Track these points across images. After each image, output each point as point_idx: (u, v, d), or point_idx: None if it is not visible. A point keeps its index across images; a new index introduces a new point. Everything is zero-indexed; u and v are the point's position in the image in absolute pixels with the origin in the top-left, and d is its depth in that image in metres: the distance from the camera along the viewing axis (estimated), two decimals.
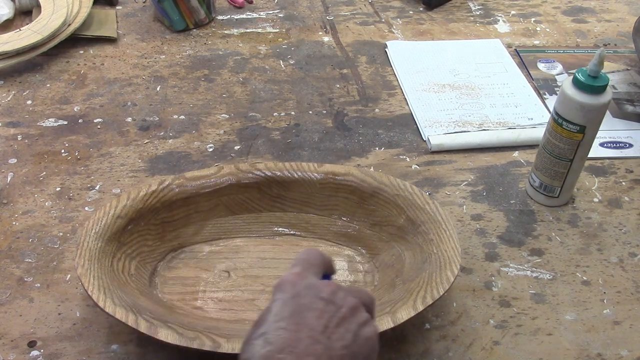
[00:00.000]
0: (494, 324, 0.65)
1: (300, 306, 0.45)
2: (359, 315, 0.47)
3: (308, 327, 0.44)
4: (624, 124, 0.91)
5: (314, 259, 0.50)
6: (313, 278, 0.48)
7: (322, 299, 0.46)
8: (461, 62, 1.01)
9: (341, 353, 0.44)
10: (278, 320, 0.44)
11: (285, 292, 0.46)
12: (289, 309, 0.45)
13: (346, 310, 0.46)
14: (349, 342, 0.45)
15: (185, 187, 0.68)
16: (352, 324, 0.46)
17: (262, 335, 0.44)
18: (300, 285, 0.47)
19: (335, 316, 0.46)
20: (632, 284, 0.69)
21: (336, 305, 0.46)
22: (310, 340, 0.43)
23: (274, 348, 0.42)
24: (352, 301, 0.47)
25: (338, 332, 0.45)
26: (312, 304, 0.46)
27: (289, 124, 0.88)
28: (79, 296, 0.65)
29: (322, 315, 0.45)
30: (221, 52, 1.01)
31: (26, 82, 0.93)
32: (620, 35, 1.10)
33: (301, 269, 0.49)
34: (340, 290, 0.47)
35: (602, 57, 0.66)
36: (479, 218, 0.76)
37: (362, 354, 0.46)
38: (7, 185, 0.76)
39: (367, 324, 0.48)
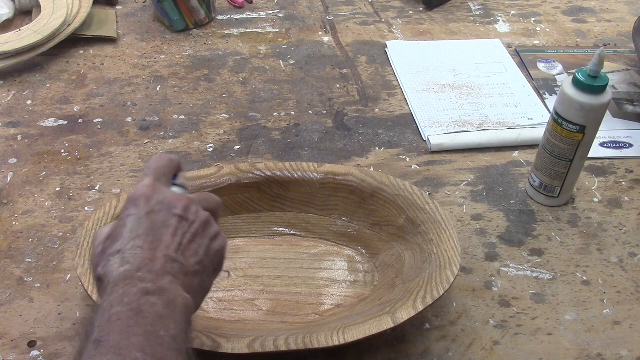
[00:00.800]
0: (494, 324, 0.65)
1: (154, 223, 0.47)
2: (210, 229, 0.50)
3: (163, 245, 0.46)
4: (624, 124, 0.91)
5: (164, 166, 0.52)
6: (165, 189, 0.50)
7: (175, 215, 0.48)
8: (461, 62, 1.01)
9: (195, 269, 0.47)
10: (134, 238, 0.46)
11: (140, 208, 0.47)
12: (144, 226, 0.46)
13: (198, 225, 0.48)
14: (202, 257, 0.48)
15: None
16: (204, 239, 0.49)
17: (119, 253, 0.45)
18: (154, 200, 0.48)
19: (188, 232, 0.48)
20: (632, 284, 0.69)
21: (189, 221, 0.48)
22: (166, 258, 0.45)
23: (131, 267, 0.44)
24: (204, 215, 0.49)
25: (191, 249, 0.47)
26: (166, 221, 0.47)
27: (289, 124, 0.88)
28: (79, 296, 0.65)
29: (176, 233, 0.47)
30: (221, 52, 1.01)
31: (26, 82, 0.93)
32: (620, 35, 1.10)
33: (153, 180, 0.50)
34: (192, 204, 0.49)
35: (602, 57, 0.66)
36: (479, 218, 0.76)
37: (212, 266, 0.49)
38: (7, 185, 0.76)
39: (217, 237, 0.50)
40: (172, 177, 0.53)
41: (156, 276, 0.44)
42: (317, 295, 0.65)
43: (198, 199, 0.51)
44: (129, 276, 0.43)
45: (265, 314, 0.64)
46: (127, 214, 0.47)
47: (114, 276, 0.44)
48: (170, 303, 0.43)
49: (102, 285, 0.45)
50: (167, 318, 0.42)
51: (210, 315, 0.63)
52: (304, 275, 0.67)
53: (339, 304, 0.65)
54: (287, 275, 0.67)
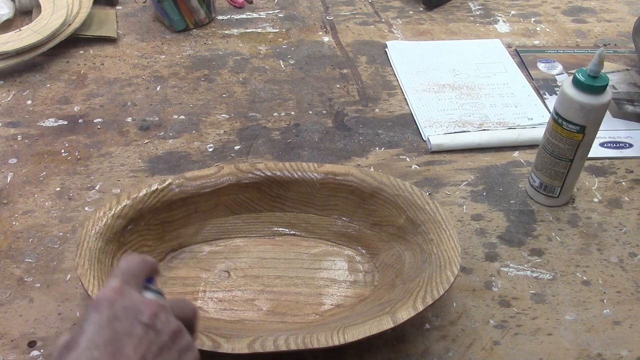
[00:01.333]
0: (494, 324, 0.65)
1: (116, 332, 0.41)
2: (180, 340, 0.44)
3: (125, 357, 0.40)
4: (624, 124, 0.91)
5: (135, 267, 0.47)
6: (134, 294, 0.44)
7: (141, 324, 0.42)
8: (461, 62, 1.01)
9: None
10: (91, 348, 0.40)
11: (102, 313, 0.42)
12: (105, 336, 0.41)
13: (167, 336, 0.43)
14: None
15: (185, 187, 0.68)
16: (172, 351, 0.43)
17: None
18: (119, 305, 0.43)
19: (154, 343, 0.42)
20: (632, 284, 0.69)
21: (156, 330, 0.43)
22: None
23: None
24: (174, 324, 0.44)
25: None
26: (130, 331, 0.42)
27: (289, 124, 0.88)
28: (79, 296, 0.65)
29: (140, 343, 0.41)
30: (221, 52, 1.01)
31: (26, 82, 0.93)
32: (620, 35, 1.10)
33: (121, 282, 0.44)
34: (162, 312, 0.44)
35: (602, 57, 0.66)
36: (479, 218, 0.76)
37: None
38: (7, 185, 0.76)
39: (188, 349, 0.44)
40: (147, 281, 0.47)
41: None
42: (317, 295, 0.65)
43: (171, 305, 0.45)
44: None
45: (265, 314, 0.64)
46: (87, 320, 0.42)
47: None
48: None
49: None
50: None
51: (210, 315, 0.63)
52: (304, 275, 0.67)
53: (339, 304, 0.65)
54: (287, 275, 0.67)
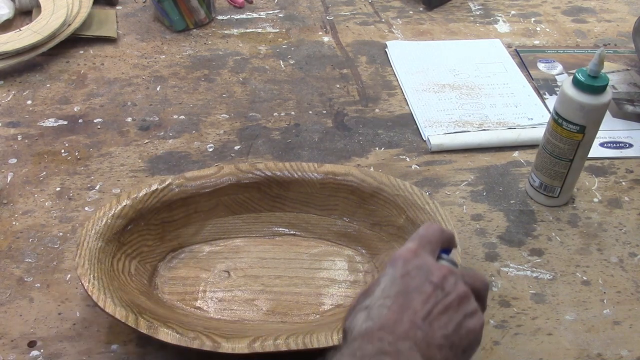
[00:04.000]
0: (494, 324, 0.65)
1: (408, 286, 0.45)
2: (466, 305, 0.46)
3: (412, 310, 0.44)
4: (624, 124, 0.91)
5: (431, 234, 0.50)
6: (427, 257, 0.47)
7: (431, 283, 0.45)
8: (461, 62, 1.01)
9: (440, 342, 0.44)
10: (384, 297, 0.45)
11: (397, 268, 0.46)
12: (397, 288, 0.45)
13: (454, 298, 0.45)
14: (450, 332, 0.44)
15: (185, 187, 0.69)
16: (457, 313, 0.45)
17: (366, 309, 0.44)
18: (413, 264, 0.46)
19: (441, 303, 0.45)
20: (632, 284, 0.69)
21: (444, 291, 0.45)
22: (411, 324, 0.43)
23: (374, 325, 0.43)
24: (462, 289, 0.46)
25: (441, 320, 0.44)
26: (420, 287, 0.45)
27: (289, 124, 0.88)
28: (79, 296, 0.65)
29: (427, 300, 0.44)
30: (221, 52, 1.01)
31: (26, 82, 0.93)
32: (620, 35, 1.10)
33: (416, 246, 0.48)
34: (451, 276, 0.46)
35: (602, 57, 0.66)
36: (479, 218, 0.76)
37: (461, 345, 0.45)
38: (7, 185, 0.76)
39: (473, 315, 0.46)
40: (443, 251, 0.50)
41: (396, 339, 0.42)
42: (317, 295, 0.65)
43: (462, 273, 0.48)
44: (369, 333, 0.43)
45: (265, 314, 0.64)
46: (384, 273, 0.47)
47: (356, 330, 0.43)
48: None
49: (344, 338, 0.45)
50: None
51: (210, 315, 0.63)
52: (304, 275, 0.67)
53: (339, 304, 0.65)
54: (287, 275, 0.67)
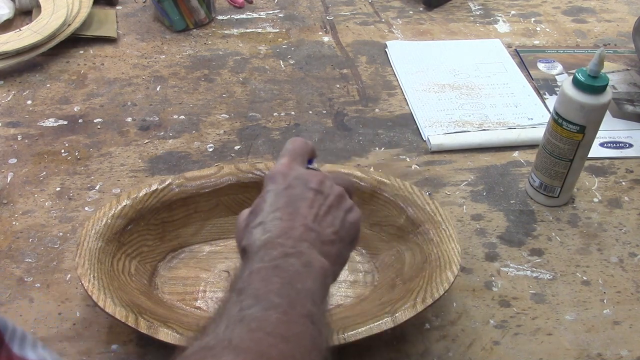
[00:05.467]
0: (494, 324, 0.65)
1: (292, 197, 0.50)
2: (344, 202, 0.52)
3: (301, 215, 0.48)
4: (624, 124, 0.91)
5: (299, 147, 0.54)
6: (300, 168, 0.53)
7: (311, 189, 0.50)
8: (461, 62, 1.01)
9: (331, 238, 0.49)
10: (274, 211, 0.49)
11: (278, 183, 0.51)
12: (283, 200, 0.49)
13: (333, 198, 0.51)
14: (337, 228, 0.50)
15: (185, 187, 0.68)
16: (339, 211, 0.51)
17: (260, 225, 0.48)
18: (291, 176, 0.51)
19: (324, 205, 0.50)
20: (632, 284, 0.69)
21: (324, 194, 0.51)
22: (304, 227, 0.48)
23: (272, 235, 0.47)
24: (338, 190, 0.52)
25: (327, 219, 0.50)
26: (303, 195, 0.50)
27: (289, 124, 0.88)
28: (79, 296, 0.65)
29: (312, 205, 0.49)
30: (221, 52, 1.01)
31: (26, 82, 0.93)
32: (620, 35, 1.10)
33: (289, 159, 0.53)
34: (326, 180, 0.52)
35: (602, 57, 0.66)
36: (479, 218, 0.76)
37: (348, 237, 0.51)
38: (7, 185, 0.76)
39: (351, 210, 0.52)
40: (308, 162, 0.55)
41: (295, 242, 0.46)
42: None
43: (332, 176, 0.53)
44: (269, 242, 0.46)
45: None
46: (266, 190, 0.51)
47: (257, 244, 0.47)
48: (307, 264, 0.45)
49: (245, 255, 0.48)
50: (303, 275, 0.45)
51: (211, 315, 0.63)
52: None
53: (339, 304, 0.65)
54: None
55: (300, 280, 0.44)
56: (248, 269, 0.45)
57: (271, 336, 0.40)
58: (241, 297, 0.43)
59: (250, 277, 0.44)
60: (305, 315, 0.42)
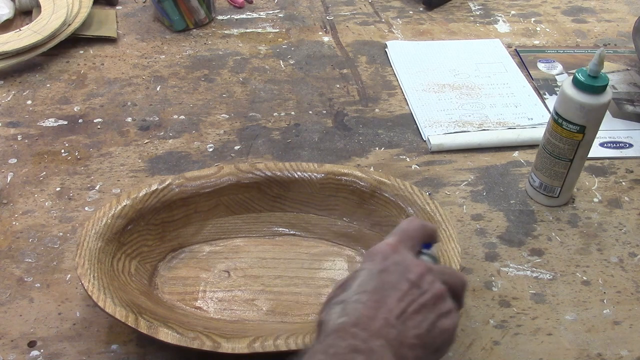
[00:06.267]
0: (494, 324, 0.65)
1: (384, 283, 0.45)
2: (442, 304, 0.46)
3: (387, 307, 0.44)
4: (624, 124, 0.91)
5: (412, 230, 0.50)
6: (406, 253, 0.48)
7: (408, 280, 0.45)
8: (461, 62, 1.01)
9: (412, 342, 0.44)
10: (360, 292, 0.45)
11: (375, 263, 0.46)
12: (373, 283, 0.45)
13: (429, 297, 0.45)
14: (423, 332, 0.44)
15: (185, 187, 0.69)
16: (431, 313, 0.45)
17: (342, 303, 0.45)
18: (391, 259, 0.47)
19: (416, 301, 0.45)
20: (632, 284, 0.69)
21: (421, 289, 0.45)
22: (385, 322, 0.43)
23: (348, 320, 0.43)
24: (438, 288, 0.46)
25: (415, 320, 0.44)
26: (397, 284, 0.45)
27: (289, 124, 0.88)
28: (79, 296, 0.65)
29: (403, 298, 0.45)
30: (221, 52, 1.01)
31: (26, 82, 0.93)
32: (620, 35, 1.10)
33: (396, 241, 0.48)
34: (429, 274, 0.46)
35: (602, 57, 0.66)
36: (479, 218, 0.76)
37: (434, 345, 0.45)
38: (7, 185, 0.76)
39: (447, 315, 0.46)
40: (424, 246, 0.50)
41: (369, 336, 0.42)
42: (317, 295, 0.65)
43: (440, 270, 0.48)
44: (342, 329, 0.43)
45: (265, 314, 0.64)
46: (361, 267, 0.47)
47: (330, 325, 0.43)
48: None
49: (319, 331, 0.45)
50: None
51: (210, 315, 0.63)
52: (304, 275, 0.67)
53: None
54: (287, 275, 0.67)
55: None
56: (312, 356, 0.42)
57: None
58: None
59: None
60: None
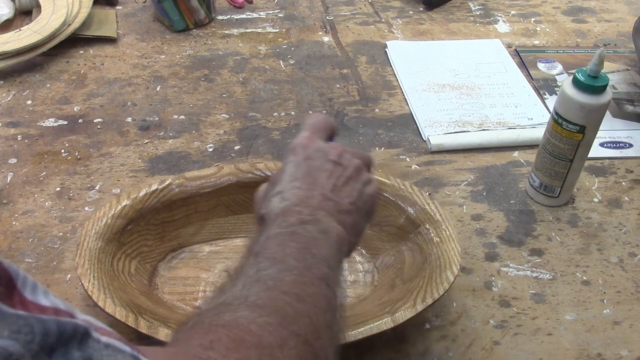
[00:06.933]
0: (494, 324, 0.65)
1: (311, 167, 0.51)
2: (363, 175, 0.53)
3: (319, 186, 0.50)
4: (624, 124, 0.91)
5: (320, 122, 0.55)
6: (321, 141, 0.53)
7: (330, 161, 0.51)
8: (461, 62, 1.01)
9: (348, 208, 0.50)
10: (293, 180, 0.50)
11: (298, 155, 0.52)
12: (302, 170, 0.51)
13: (352, 170, 0.52)
14: (355, 199, 0.51)
15: (185, 187, 0.68)
16: (357, 183, 0.52)
17: (279, 194, 0.49)
18: (311, 148, 0.52)
19: (342, 176, 0.51)
20: (632, 284, 0.69)
21: (343, 166, 0.52)
22: (322, 197, 0.49)
23: (290, 203, 0.48)
24: (356, 162, 0.53)
25: (345, 190, 0.51)
26: (322, 166, 0.51)
27: (289, 124, 0.88)
28: (79, 296, 0.65)
29: (331, 176, 0.51)
30: (221, 52, 1.01)
31: (26, 82, 0.93)
32: (620, 35, 1.10)
33: (310, 133, 0.54)
34: (345, 153, 0.53)
35: (602, 57, 0.66)
36: (479, 218, 0.76)
37: (365, 208, 0.52)
38: (7, 185, 0.76)
39: (369, 182, 0.53)
40: (329, 139, 0.56)
41: (312, 210, 0.48)
42: None
43: (351, 150, 0.54)
44: (287, 210, 0.48)
45: None
46: (286, 161, 0.52)
47: (274, 212, 0.48)
48: (324, 231, 0.46)
49: (263, 223, 0.49)
50: (320, 241, 0.46)
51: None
52: None
53: None
54: None
55: (316, 246, 0.45)
56: (265, 235, 0.46)
57: (287, 295, 0.41)
58: (258, 259, 0.44)
59: (267, 241, 0.45)
60: (320, 278, 0.43)
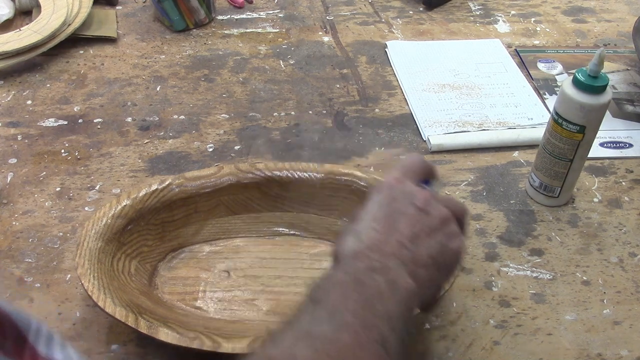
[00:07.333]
0: (494, 324, 0.65)
1: (393, 210, 0.48)
2: (449, 227, 0.49)
3: (398, 231, 0.47)
4: (624, 124, 0.91)
5: (414, 165, 0.53)
6: (410, 184, 0.51)
7: (415, 206, 0.48)
8: (461, 62, 1.01)
9: (425, 261, 0.46)
10: (372, 221, 0.48)
11: (382, 195, 0.49)
12: (383, 212, 0.48)
13: (437, 221, 0.48)
14: (435, 252, 0.47)
15: (185, 187, 0.69)
16: (440, 235, 0.48)
17: (356, 233, 0.47)
18: (398, 190, 0.50)
19: (425, 225, 0.48)
20: (632, 284, 0.69)
21: (428, 214, 0.48)
22: (398, 244, 0.46)
23: (363, 246, 0.46)
24: (444, 212, 0.49)
25: (426, 241, 0.47)
26: (405, 211, 0.48)
27: (289, 124, 0.88)
28: (79, 296, 0.65)
29: (413, 223, 0.47)
30: (221, 52, 1.01)
31: (26, 82, 0.93)
32: (620, 35, 1.10)
33: (400, 174, 0.51)
34: (434, 200, 0.49)
35: (602, 57, 0.66)
36: (479, 218, 0.76)
37: (445, 265, 0.48)
38: (7, 185, 0.76)
39: (455, 237, 0.49)
40: (424, 182, 0.53)
41: (384, 257, 0.45)
42: None
43: (443, 198, 0.51)
44: (358, 253, 0.45)
45: (265, 314, 0.64)
46: (370, 201, 0.50)
47: (346, 252, 0.46)
48: (392, 283, 0.44)
49: (335, 261, 0.47)
50: (386, 294, 0.43)
51: (210, 315, 0.63)
52: (304, 275, 0.67)
53: None
54: (287, 275, 0.67)
55: (380, 301, 0.42)
56: (331, 279, 0.44)
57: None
58: (316, 307, 0.42)
59: (330, 288, 0.43)
60: (377, 341, 0.40)
